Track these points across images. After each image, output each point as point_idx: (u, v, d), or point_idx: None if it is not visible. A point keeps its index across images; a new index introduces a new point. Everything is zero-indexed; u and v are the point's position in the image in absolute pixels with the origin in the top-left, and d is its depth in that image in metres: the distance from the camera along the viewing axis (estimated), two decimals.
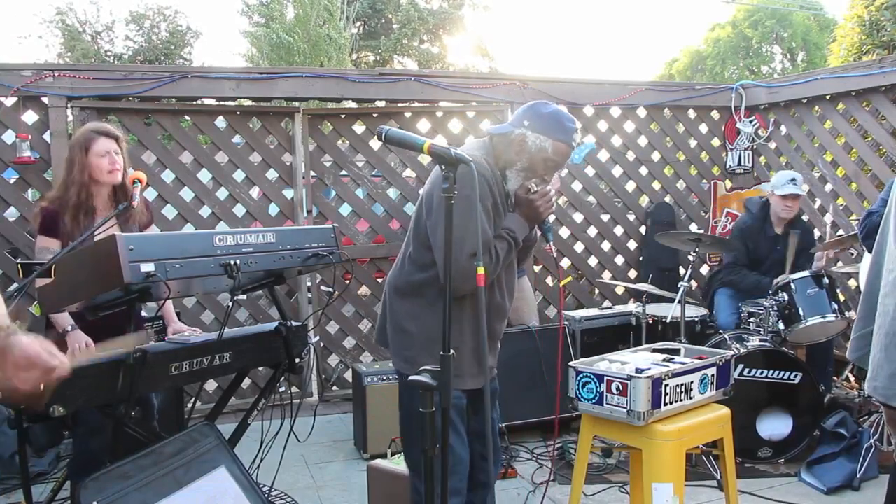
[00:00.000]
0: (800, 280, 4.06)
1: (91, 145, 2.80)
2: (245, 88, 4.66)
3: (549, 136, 2.25)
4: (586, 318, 4.61)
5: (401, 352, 2.36)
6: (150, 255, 2.07)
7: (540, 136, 2.25)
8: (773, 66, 29.08)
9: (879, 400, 2.35)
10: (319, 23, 17.29)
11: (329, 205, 5.09)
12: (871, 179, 4.93)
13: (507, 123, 2.36)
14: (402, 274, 2.38)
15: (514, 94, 5.14)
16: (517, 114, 2.34)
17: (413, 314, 2.33)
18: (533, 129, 2.26)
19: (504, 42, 63.69)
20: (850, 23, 8.01)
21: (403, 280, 2.37)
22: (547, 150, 2.26)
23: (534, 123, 2.27)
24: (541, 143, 2.25)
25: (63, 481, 3.20)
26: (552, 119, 2.27)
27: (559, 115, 2.30)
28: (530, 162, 2.28)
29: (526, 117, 2.29)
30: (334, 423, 4.64)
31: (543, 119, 2.27)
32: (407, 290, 2.35)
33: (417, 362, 2.19)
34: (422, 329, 2.29)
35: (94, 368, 2.22)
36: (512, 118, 2.37)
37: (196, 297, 4.61)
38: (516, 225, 2.31)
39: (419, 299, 2.32)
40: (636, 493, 2.83)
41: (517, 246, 2.32)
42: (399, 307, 2.37)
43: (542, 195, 2.31)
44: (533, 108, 2.32)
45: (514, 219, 2.32)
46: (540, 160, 2.28)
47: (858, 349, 2.46)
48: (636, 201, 5.74)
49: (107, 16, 29.09)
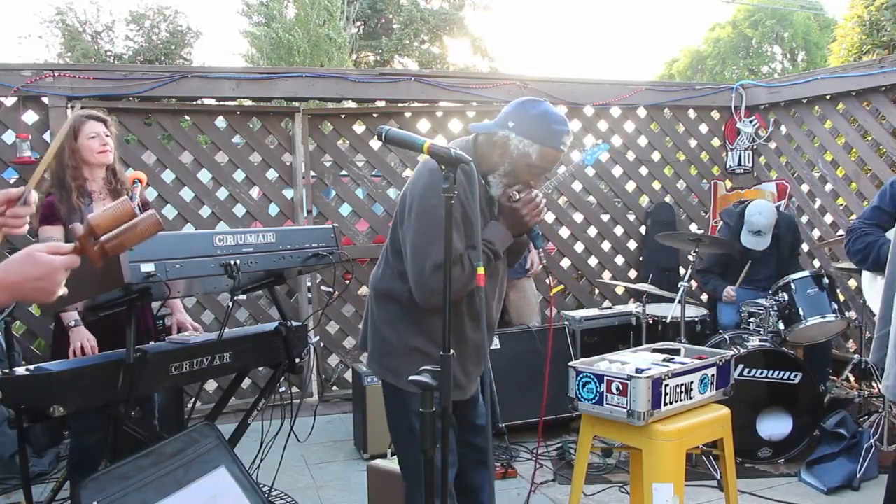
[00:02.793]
0: (800, 280, 4.06)
1: (80, 129, 2.84)
2: (245, 88, 4.66)
3: (535, 140, 2.05)
4: (586, 318, 4.61)
5: (382, 359, 2.25)
6: (151, 255, 2.07)
7: (524, 140, 2.06)
8: (774, 66, 29.09)
9: (892, 400, 2.34)
10: (319, 23, 17.27)
11: (329, 205, 5.09)
12: (871, 179, 4.93)
13: (494, 122, 2.15)
14: (382, 278, 2.27)
15: (514, 94, 5.12)
16: (504, 111, 2.14)
17: (390, 321, 2.22)
18: (518, 130, 2.07)
19: (504, 42, 63.71)
20: (850, 23, 7.99)
21: (382, 284, 2.26)
22: (531, 156, 2.07)
23: (519, 125, 2.07)
24: (524, 147, 2.06)
25: (63, 481, 3.21)
26: (539, 121, 2.07)
27: (547, 116, 2.08)
28: (513, 167, 2.10)
29: (511, 117, 2.09)
30: (334, 423, 4.64)
31: (530, 120, 2.07)
32: (383, 295, 2.25)
33: (400, 372, 2.12)
34: (400, 338, 2.19)
35: (94, 368, 2.22)
36: (499, 116, 2.15)
37: (196, 297, 4.61)
38: (497, 236, 2.14)
39: (395, 306, 2.21)
40: (636, 493, 2.83)
41: (497, 258, 2.17)
42: (378, 311, 2.27)
43: (527, 202, 2.13)
44: (520, 106, 2.11)
45: (496, 229, 2.15)
46: (523, 165, 2.09)
47: (878, 350, 2.45)
48: (636, 201, 5.74)
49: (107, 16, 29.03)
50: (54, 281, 1.23)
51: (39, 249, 1.24)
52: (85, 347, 2.74)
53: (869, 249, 2.82)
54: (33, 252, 1.23)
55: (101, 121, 2.91)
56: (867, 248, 2.83)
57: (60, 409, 2.09)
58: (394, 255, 2.22)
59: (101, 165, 2.90)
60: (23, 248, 1.27)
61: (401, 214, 2.17)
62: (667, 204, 5.71)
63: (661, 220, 5.59)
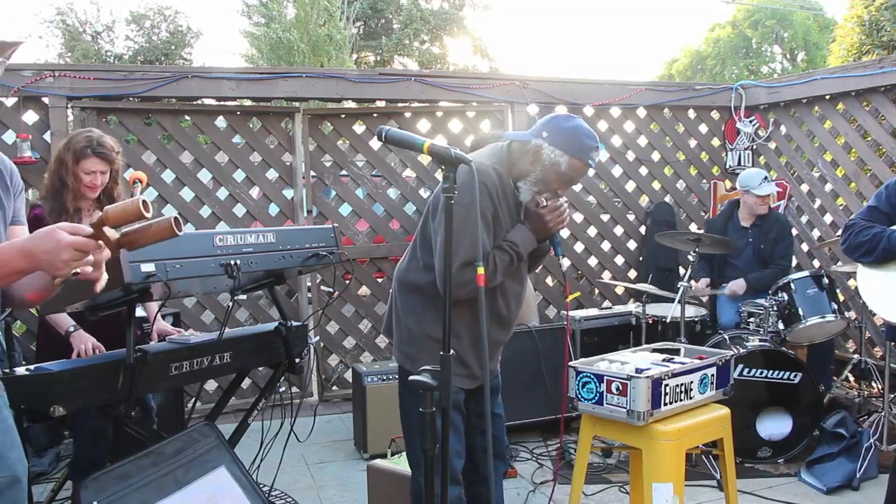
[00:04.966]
0: (800, 280, 4.06)
1: (82, 160, 2.78)
2: (245, 88, 4.66)
3: (566, 152, 2.19)
4: (586, 318, 4.61)
5: (402, 346, 2.37)
6: (151, 255, 2.07)
7: (556, 150, 2.19)
8: (773, 66, 29.07)
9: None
10: (319, 23, 17.28)
11: (329, 205, 5.09)
12: (871, 179, 4.93)
13: (528, 132, 2.30)
14: (408, 269, 2.38)
15: (514, 94, 5.14)
16: (538, 123, 2.29)
17: (413, 311, 2.33)
18: (550, 141, 2.20)
19: (504, 42, 63.72)
20: (850, 23, 8.01)
21: (407, 276, 2.37)
22: (561, 166, 2.20)
23: (552, 136, 2.20)
24: (556, 157, 2.19)
25: (63, 481, 3.21)
26: (571, 134, 2.21)
27: (579, 130, 2.22)
28: (543, 175, 2.22)
29: (546, 129, 2.23)
30: (334, 423, 4.64)
31: (562, 133, 2.21)
32: (408, 286, 2.36)
33: (417, 360, 2.24)
34: (421, 327, 2.30)
35: (93, 368, 2.22)
36: (533, 127, 2.31)
37: (196, 297, 4.61)
38: (521, 238, 2.27)
39: (419, 297, 2.32)
40: (636, 493, 2.83)
41: (520, 259, 2.28)
42: (402, 301, 2.37)
43: (553, 210, 2.26)
44: (554, 119, 2.27)
45: (521, 231, 2.28)
46: (553, 174, 2.22)
47: None
48: (636, 201, 5.74)
49: (107, 16, 29.08)
50: (59, 257, 1.32)
51: (60, 227, 1.34)
52: (88, 351, 2.73)
53: (877, 239, 2.77)
54: (52, 228, 1.35)
55: (107, 161, 2.83)
56: (874, 238, 2.77)
57: (60, 409, 2.09)
58: (423, 247, 2.32)
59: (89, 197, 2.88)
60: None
61: (433, 210, 2.28)
62: (666, 204, 5.71)
63: (661, 220, 5.60)
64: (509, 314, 2.40)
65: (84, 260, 1.35)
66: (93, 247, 1.36)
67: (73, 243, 1.33)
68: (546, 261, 2.61)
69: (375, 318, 5.07)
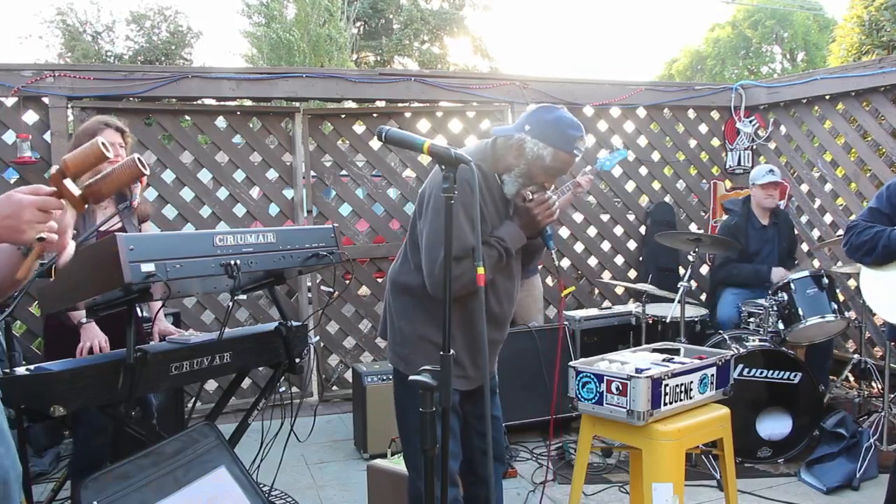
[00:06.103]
0: (799, 280, 4.06)
1: (98, 133, 2.81)
2: (245, 88, 4.66)
3: (549, 144, 2.16)
4: (586, 318, 4.60)
5: (395, 347, 2.36)
6: (151, 255, 2.07)
7: (539, 143, 2.17)
8: (773, 66, 29.07)
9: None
10: (320, 23, 17.29)
11: (329, 205, 5.09)
12: (870, 179, 4.94)
13: (512, 126, 2.29)
14: (400, 271, 2.37)
15: (514, 95, 5.14)
16: (522, 117, 2.28)
17: (405, 312, 2.32)
18: (533, 134, 2.18)
19: (504, 42, 63.72)
20: (850, 23, 8.00)
21: (399, 277, 2.36)
22: (545, 158, 2.17)
23: (534, 128, 2.18)
24: (539, 150, 2.17)
25: (63, 481, 3.21)
26: (553, 125, 2.18)
27: (562, 121, 2.20)
28: (528, 168, 2.20)
29: (528, 121, 2.21)
30: (334, 423, 4.64)
31: (545, 125, 2.19)
32: (400, 287, 2.35)
33: (410, 361, 2.23)
34: (413, 328, 2.29)
35: (93, 368, 2.22)
36: (517, 120, 2.30)
37: (196, 297, 4.61)
38: (509, 234, 2.25)
39: (410, 299, 2.31)
40: (636, 493, 2.83)
41: (509, 255, 2.26)
42: (395, 303, 2.37)
43: (540, 203, 2.23)
44: (537, 111, 2.25)
45: (509, 227, 2.26)
46: (538, 167, 2.20)
47: None
48: (636, 201, 5.74)
49: (107, 16, 29.12)
50: (21, 218, 1.24)
51: (17, 190, 1.26)
52: (94, 348, 2.73)
53: (877, 238, 2.78)
54: (10, 193, 1.26)
55: (120, 131, 2.89)
56: (875, 237, 2.79)
57: (60, 409, 2.09)
58: (412, 248, 2.31)
59: None
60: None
61: (419, 209, 2.27)
62: (666, 204, 5.71)
63: (661, 220, 5.60)
64: (502, 311, 2.37)
65: (48, 224, 1.26)
66: (55, 205, 1.27)
67: (35, 202, 1.25)
68: (545, 261, 2.60)
69: (375, 318, 5.07)
